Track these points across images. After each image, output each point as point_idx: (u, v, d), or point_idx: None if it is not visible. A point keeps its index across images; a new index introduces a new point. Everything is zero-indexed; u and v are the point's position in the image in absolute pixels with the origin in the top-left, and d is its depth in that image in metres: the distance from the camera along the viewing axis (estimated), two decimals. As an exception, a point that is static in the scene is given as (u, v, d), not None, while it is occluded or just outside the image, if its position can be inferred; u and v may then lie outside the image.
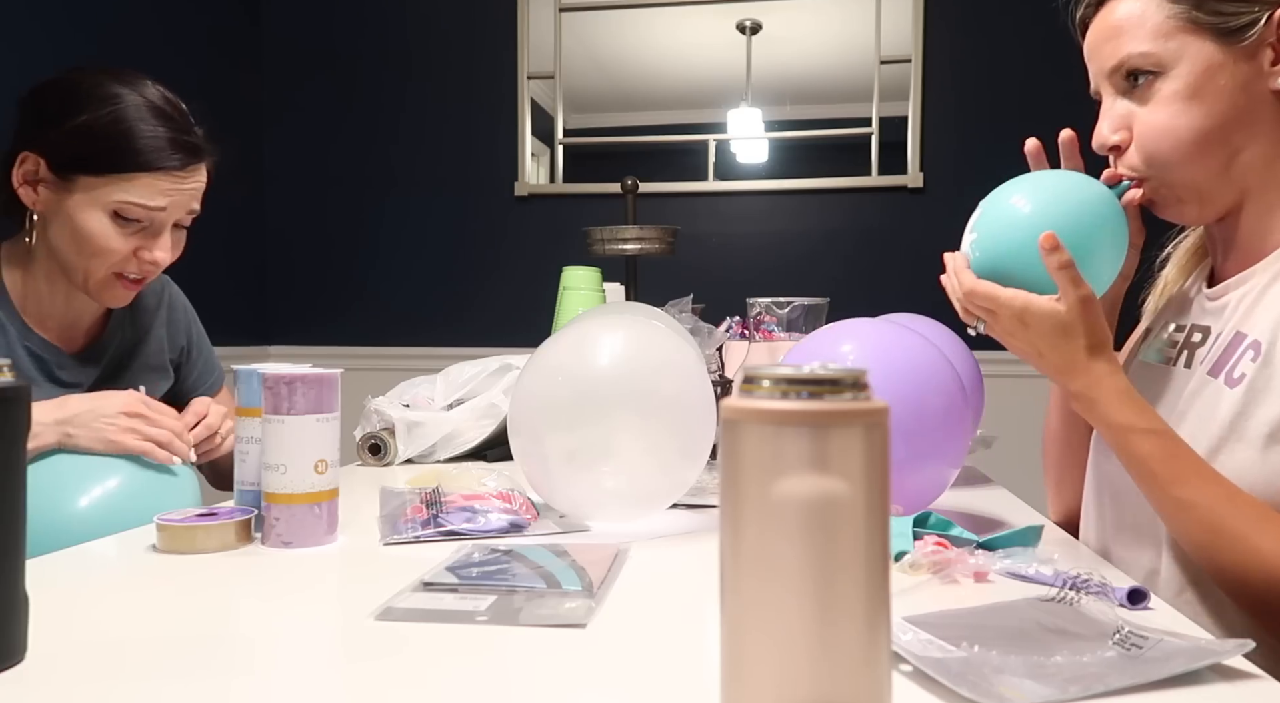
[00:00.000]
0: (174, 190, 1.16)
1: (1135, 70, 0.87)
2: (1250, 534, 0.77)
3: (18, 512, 0.55)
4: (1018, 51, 2.86)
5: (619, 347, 0.94)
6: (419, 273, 3.13)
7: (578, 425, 0.89)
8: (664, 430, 0.91)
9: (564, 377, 0.92)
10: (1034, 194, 0.89)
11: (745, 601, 0.41)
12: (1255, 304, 0.86)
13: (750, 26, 3.02)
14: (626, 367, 0.92)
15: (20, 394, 0.56)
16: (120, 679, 0.55)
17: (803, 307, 1.29)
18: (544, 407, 0.91)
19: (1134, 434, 0.83)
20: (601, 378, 0.91)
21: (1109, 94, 0.91)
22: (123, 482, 1.07)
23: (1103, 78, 0.91)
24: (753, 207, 3.02)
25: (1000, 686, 0.51)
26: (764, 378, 0.41)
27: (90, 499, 1.04)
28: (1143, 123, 0.88)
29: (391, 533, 0.89)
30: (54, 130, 1.13)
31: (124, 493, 1.06)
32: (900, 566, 0.75)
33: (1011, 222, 0.88)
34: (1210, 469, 0.81)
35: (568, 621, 0.64)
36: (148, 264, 1.18)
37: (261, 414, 0.86)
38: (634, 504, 0.94)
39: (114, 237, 1.14)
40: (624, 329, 0.96)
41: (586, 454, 0.89)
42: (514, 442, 0.94)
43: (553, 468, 0.91)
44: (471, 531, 0.89)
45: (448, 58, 3.13)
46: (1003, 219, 0.89)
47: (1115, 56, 0.88)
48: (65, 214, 1.13)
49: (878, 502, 0.41)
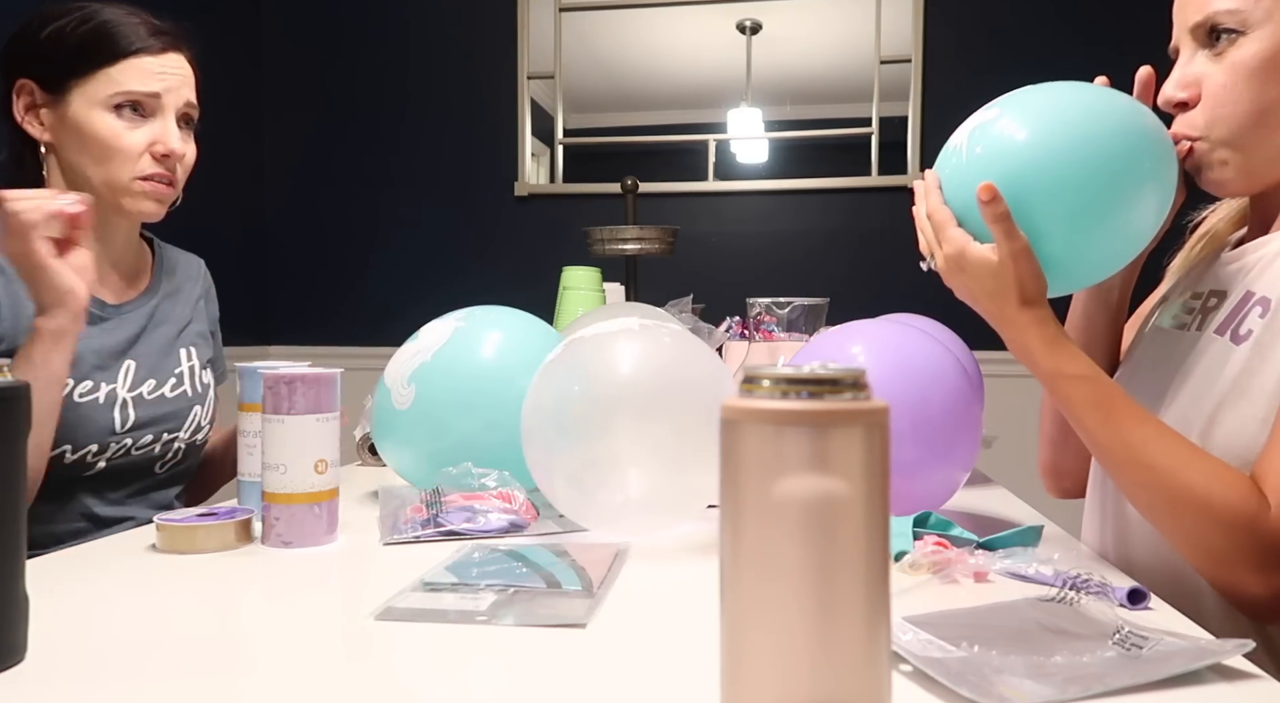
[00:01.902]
0: (163, 74, 1.17)
1: (1219, 27, 0.84)
2: (1180, 470, 0.77)
3: (18, 512, 0.55)
4: (1018, 51, 2.86)
5: (638, 353, 0.90)
6: (419, 273, 3.13)
7: (594, 435, 0.86)
8: (685, 438, 0.87)
9: (580, 386, 0.88)
10: (1054, 114, 0.83)
11: (745, 600, 0.41)
12: (1269, 265, 0.84)
13: (750, 26, 3.02)
14: (647, 374, 0.88)
15: (20, 394, 0.56)
16: (120, 679, 0.55)
17: (803, 307, 1.29)
18: (559, 417, 0.88)
19: (1063, 380, 0.83)
20: (619, 386, 0.88)
21: (1188, 49, 0.87)
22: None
23: (1185, 32, 0.88)
24: (753, 207, 3.03)
25: (1000, 686, 0.51)
26: (764, 378, 0.41)
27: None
28: (1213, 82, 0.85)
29: (391, 533, 0.89)
30: (35, 49, 1.15)
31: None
32: (900, 566, 0.75)
33: (999, 151, 0.84)
34: (1142, 411, 0.81)
35: (568, 621, 0.64)
36: (165, 157, 1.17)
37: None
38: (655, 514, 0.90)
39: (122, 132, 1.14)
40: (641, 337, 0.92)
41: (604, 465, 0.86)
42: (528, 451, 0.91)
43: (566, 479, 0.88)
44: (471, 531, 0.89)
45: (448, 57, 3.13)
46: (994, 145, 0.85)
47: (1203, 10, 0.85)
48: (70, 129, 1.14)
49: (878, 502, 0.41)
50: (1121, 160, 0.82)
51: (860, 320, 1.00)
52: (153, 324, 1.23)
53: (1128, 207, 0.83)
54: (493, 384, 1.01)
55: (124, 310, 1.21)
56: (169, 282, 1.29)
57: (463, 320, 1.07)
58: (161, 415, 1.19)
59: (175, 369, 1.23)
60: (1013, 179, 0.81)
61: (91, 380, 1.13)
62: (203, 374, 1.27)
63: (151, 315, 1.24)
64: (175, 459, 1.23)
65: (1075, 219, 0.82)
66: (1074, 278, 0.88)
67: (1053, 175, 0.81)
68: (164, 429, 1.19)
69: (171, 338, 1.25)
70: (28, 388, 0.56)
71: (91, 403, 1.12)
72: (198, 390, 1.25)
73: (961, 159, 0.87)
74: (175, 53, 1.19)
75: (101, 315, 1.18)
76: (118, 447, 1.14)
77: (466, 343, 1.04)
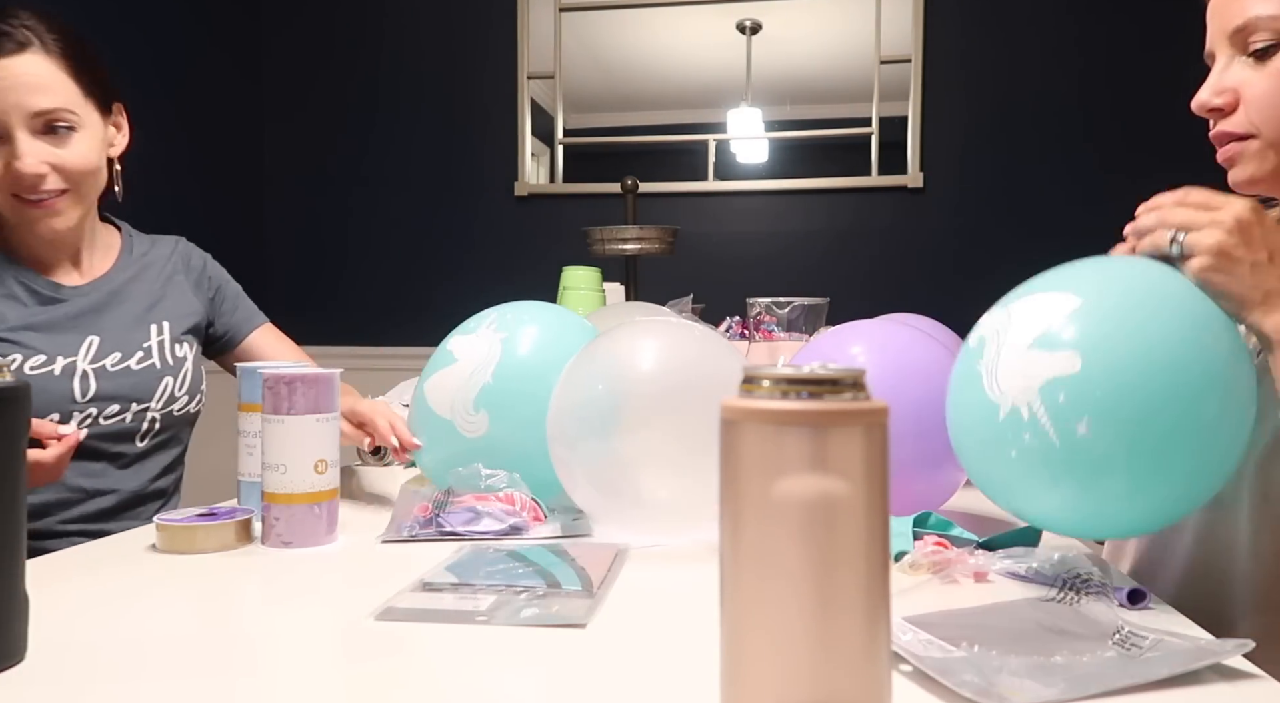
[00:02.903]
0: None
1: (1255, 33, 0.82)
2: None
3: (18, 512, 0.55)
4: (1018, 51, 2.86)
5: (663, 352, 0.88)
6: (419, 272, 3.13)
7: (620, 433, 0.84)
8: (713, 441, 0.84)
9: (604, 386, 0.86)
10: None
11: (745, 600, 0.41)
12: None
13: (750, 26, 3.02)
14: (673, 374, 0.86)
15: (20, 394, 0.56)
16: (120, 679, 0.55)
17: (803, 307, 1.29)
18: (585, 415, 0.86)
19: None
20: (645, 384, 0.86)
21: (1224, 55, 0.85)
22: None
23: (1221, 38, 0.85)
24: (753, 206, 3.03)
25: (1000, 686, 0.51)
26: (764, 378, 0.41)
27: None
28: (1254, 88, 0.83)
29: (393, 532, 0.89)
30: None
31: None
32: (900, 566, 0.75)
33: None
34: None
35: (568, 621, 0.64)
36: (20, 175, 1.08)
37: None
38: (678, 519, 0.87)
39: None
40: (665, 334, 0.90)
41: (628, 466, 0.84)
42: (553, 450, 0.90)
43: (590, 480, 0.87)
44: (469, 532, 0.89)
45: (448, 57, 3.13)
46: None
47: (1241, 16, 0.82)
48: None
49: (877, 502, 0.41)
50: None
51: (860, 320, 1.00)
52: (117, 302, 1.23)
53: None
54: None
55: (83, 291, 1.21)
56: (135, 264, 1.28)
57: (501, 329, 1.02)
58: (128, 386, 1.19)
59: (144, 343, 1.22)
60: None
61: (45, 354, 1.13)
62: (175, 347, 1.25)
63: (115, 293, 1.23)
64: (155, 431, 1.22)
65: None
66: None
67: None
68: (132, 400, 1.19)
69: (139, 314, 1.24)
70: (27, 388, 0.56)
71: (46, 374, 1.13)
72: (168, 362, 1.24)
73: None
74: (19, 55, 1.08)
75: (55, 297, 1.18)
76: (83, 415, 1.14)
77: (519, 357, 0.99)
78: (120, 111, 1.23)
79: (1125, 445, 0.66)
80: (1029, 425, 0.67)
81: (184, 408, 1.25)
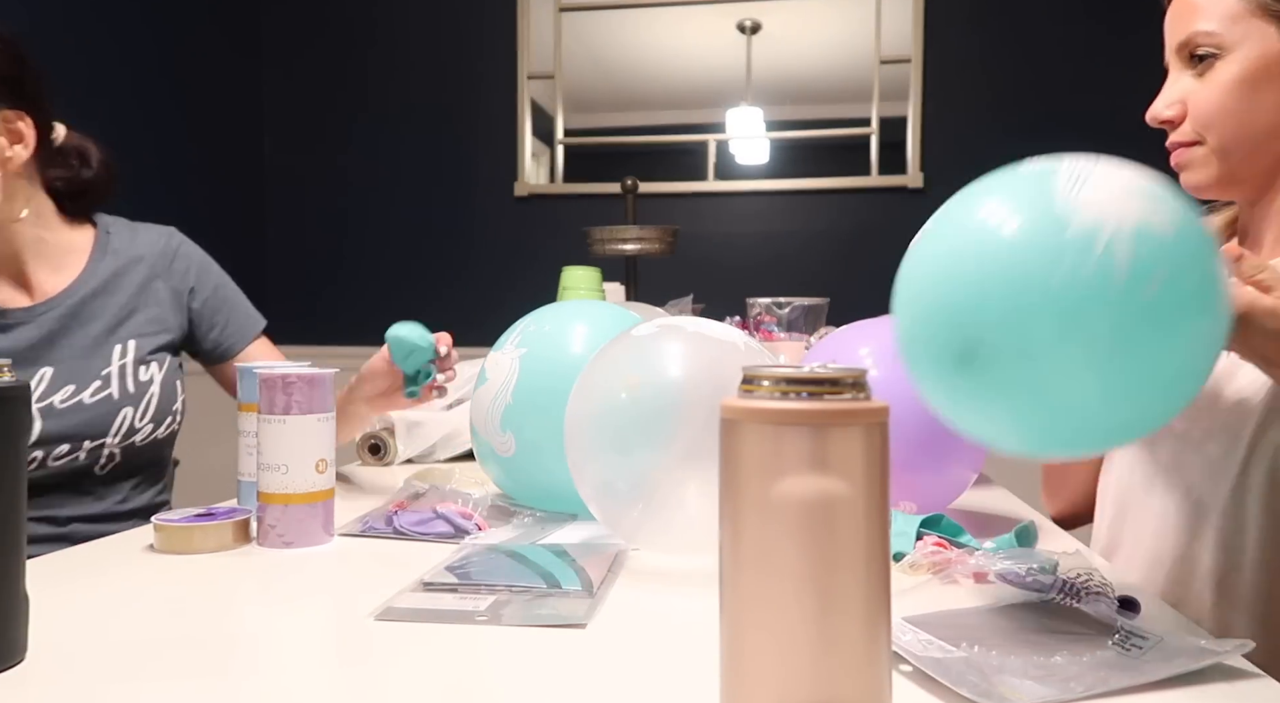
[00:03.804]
0: None
1: (1197, 48, 0.87)
2: None
3: (18, 512, 0.55)
4: (1018, 51, 2.86)
5: (683, 359, 0.82)
6: (419, 273, 3.13)
7: (640, 445, 0.79)
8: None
9: (627, 393, 0.81)
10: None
11: (745, 600, 0.41)
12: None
13: (750, 26, 3.02)
14: (699, 379, 0.80)
15: (20, 394, 0.56)
16: (120, 679, 0.55)
17: (803, 307, 1.29)
18: (603, 423, 0.81)
19: None
20: (673, 391, 0.79)
21: (1175, 68, 0.91)
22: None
23: (1172, 52, 0.91)
24: (753, 207, 3.03)
25: (1000, 686, 0.51)
26: (764, 378, 0.41)
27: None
28: (1196, 97, 0.88)
29: (355, 526, 0.90)
30: None
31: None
32: (900, 566, 0.75)
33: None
34: None
35: (568, 621, 0.64)
36: None
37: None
38: (695, 530, 0.81)
39: None
40: (686, 340, 0.84)
41: (646, 477, 0.79)
42: (570, 457, 0.86)
43: (606, 489, 0.82)
44: (415, 532, 0.89)
45: (448, 57, 3.13)
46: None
47: (1184, 32, 0.88)
48: None
49: (877, 502, 0.41)
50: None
51: (868, 319, 1.00)
52: (76, 323, 1.14)
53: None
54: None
55: (33, 313, 1.12)
56: (106, 270, 1.17)
57: (522, 344, 1.00)
58: (79, 424, 1.11)
59: (103, 370, 1.14)
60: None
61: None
62: (140, 370, 1.16)
63: (74, 313, 1.14)
64: (114, 464, 1.15)
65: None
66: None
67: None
68: (85, 438, 1.11)
69: (99, 336, 1.15)
70: (27, 388, 0.56)
71: None
72: (128, 391, 1.15)
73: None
74: None
75: (4, 322, 1.10)
76: (27, 458, 1.02)
77: (536, 376, 0.97)
78: (18, 118, 1.08)
79: (1173, 322, 0.55)
80: (1100, 259, 0.54)
81: (148, 438, 1.17)
